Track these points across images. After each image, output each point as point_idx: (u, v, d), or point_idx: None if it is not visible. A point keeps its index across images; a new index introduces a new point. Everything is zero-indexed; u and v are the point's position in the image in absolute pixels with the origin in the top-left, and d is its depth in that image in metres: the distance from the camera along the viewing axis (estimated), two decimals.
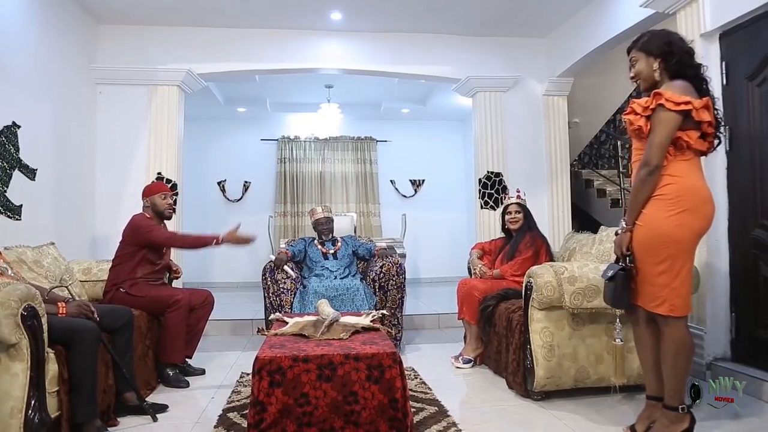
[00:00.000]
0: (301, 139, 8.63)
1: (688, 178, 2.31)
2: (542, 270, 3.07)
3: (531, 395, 3.12)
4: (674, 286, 2.30)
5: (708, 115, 2.29)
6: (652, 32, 2.45)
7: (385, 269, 4.35)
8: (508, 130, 5.83)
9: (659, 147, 2.27)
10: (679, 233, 2.28)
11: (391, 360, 2.43)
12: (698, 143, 2.34)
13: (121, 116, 5.27)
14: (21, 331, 2.26)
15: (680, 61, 2.34)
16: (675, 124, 2.26)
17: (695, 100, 2.27)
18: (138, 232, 3.61)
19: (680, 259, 2.30)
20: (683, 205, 2.28)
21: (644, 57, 2.42)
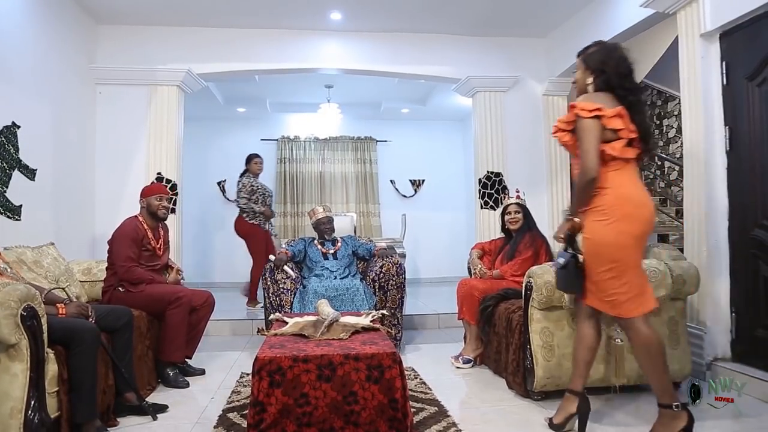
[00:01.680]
0: (301, 139, 8.63)
1: (619, 187, 2.41)
2: (542, 270, 3.07)
3: (531, 395, 3.12)
4: (622, 290, 2.41)
5: (621, 123, 2.39)
6: (598, 46, 2.57)
7: (385, 269, 4.35)
8: (508, 130, 5.83)
9: (589, 153, 2.37)
10: (621, 240, 2.39)
11: (391, 360, 2.43)
12: (625, 152, 2.43)
13: (121, 116, 5.27)
14: (21, 332, 2.26)
15: (607, 80, 2.46)
16: (596, 129, 2.37)
17: (607, 109, 2.38)
18: (113, 238, 3.61)
19: (624, 264, 2.40)
20: (617, 214, 2.39)
21: (583, 68, 2.57)
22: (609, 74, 2.46)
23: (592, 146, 2.37)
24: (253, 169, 6.01)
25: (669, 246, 3.47)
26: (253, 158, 6.07)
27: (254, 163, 6.03)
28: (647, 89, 7.25)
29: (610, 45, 2.57)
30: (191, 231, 7.42)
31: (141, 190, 3.82)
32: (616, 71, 2.46)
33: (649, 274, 3.00)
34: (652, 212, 2.46)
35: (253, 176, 6.00)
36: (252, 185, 5.88)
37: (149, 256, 3.68)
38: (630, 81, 2.49)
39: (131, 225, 3.64)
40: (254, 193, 5.87)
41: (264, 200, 5.94)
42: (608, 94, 2.46)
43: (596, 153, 2.37)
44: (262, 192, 5.96)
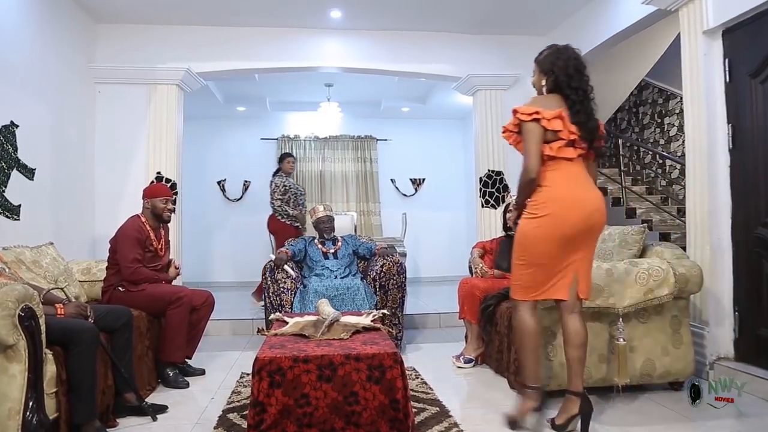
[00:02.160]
0: (301, 138, 8.61)
1: (551, 187, 2.53)
2: None
3: None
4: (522, 279, 2.62)
5: (560, 125, 2.48)
6: (550, 49, 2.65)
7: (385, 268, 4.33)
8: None
9: (530, 154, 2.51)
10: (538, 239, 2.53)
11: (392, 360, 2.41)
12: (564, 152, 2.53)
13: (120, 115, 5.25)
14: (18, 332, 2.24)
15: (556, 81, 2.57)
16: (535, 131, 2.49)
17: (546, 111, 2.48)
18: (117, 239, 3.59)
19: (534, 260, 2.57)
20: (542, 213, 2.52)
21: (537, 71, 2.68)
22: (557, 75, 2.56)
23: (533, 148, 2.51)
24: (285, 168, 6.08)
25: (671, 245, 3.45)
26: (285, 158, 6.15)
27: (286, 162, 6.09)
28: (648, 87, 7.23)
29: (561, 47, 2.64)
30: (191, 230, 7.39)
31: (144, 189, 3.80)
32: (564, 72, 2.55)
33: (652, 273, 2.99)
34: (583, 215, 2.51)
35: (286, 175, 6.05)
36: (284, 185, 5.93)
37: (151, 256, 3.66)
38: (577, 80, 2.56)
39: (135, 225, 3.62)
40: (287, 193, 5.91)
41: (296, 199, 5.97)
42: (556, 96, 2.57)
43: (536, 154, 2.50)
44: (295, 191, 6.00)
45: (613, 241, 3.49)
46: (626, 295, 2.97)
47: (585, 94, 2.58)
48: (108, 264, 3.64)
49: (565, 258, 2.57)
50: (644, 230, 3.41)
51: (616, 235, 3.50)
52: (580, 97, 2.56)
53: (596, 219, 2.56)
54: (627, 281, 2.98)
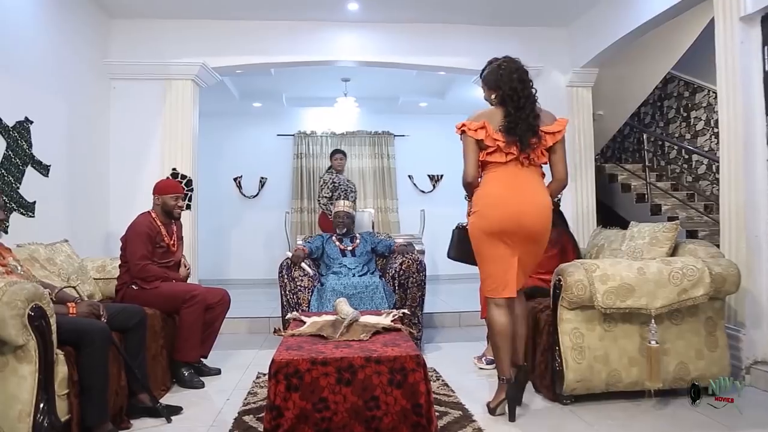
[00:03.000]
0: (318, 134, 8.51)
1: (485, 187, 2.83)
2: (572, 268, 2.92)
3: (560, 399, 2.97)
4: (483, 275, 2.88)
5: (483, 134, 2.74)
6: (490, 66, 2.89)
7: (404, 266, 4.22)
8: None
9: (464, 162, 2.83)
10: (474, 233, 2.84)
11: (415, 363, 2.30)
12: (493, 157, 2.78)
13: (135, 111, 5.20)
14: (28, 332, 2.17)
15: (502, 96, 2.79)
16: (466, 142, 2.80)
17: (472, 123, 2.77)
18: (127, 236, 3.53)
19: (479, 254, 2.85)
20: (475, 208, 2.83)
21: (485, 87, 2.94)
22: (503, 89, 2.78)
23: (465, 155, 2.82)
24: (335, 164, 6.08)
25: (705, 242, 3.29)
26: (334, 154, 6.20)
27: (335, 159, 6.13)
28: (674, 80, 7.02)
29: (501, 60, 2.87)
30: (207, 228, 7.34)
31: (155, 185, 3.73)
32: (508, 85, 2.76)
33: (686, 272, 2.85)
34: (506, 214, 2.72)
35: (336, 172, 6.04)
36: (333, 182, 5.92)
37: (163, 252, 3.59)
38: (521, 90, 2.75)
39: (145, 222, 3.55)
40: (336, 190, 5.89)
41: (346, 196, 5.89)
42: (499, 109, 2.79)
43: (470, 162, 2.81)
44: (344, 188, 5.95)
45: (643, 238, 3.34)
46: (659, 295, 2.83)
47: (527, 100, 2.77)
48: (121, 262, 3.57)
49: (506, 254, 2.77)
50: (676, 227, 3.26)
51: (646, 232, 3.35)
52: (521, 104, 2.74)
53: (525, 221, 2.72)
54: (660, 281, 2.83)
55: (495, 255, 2.79)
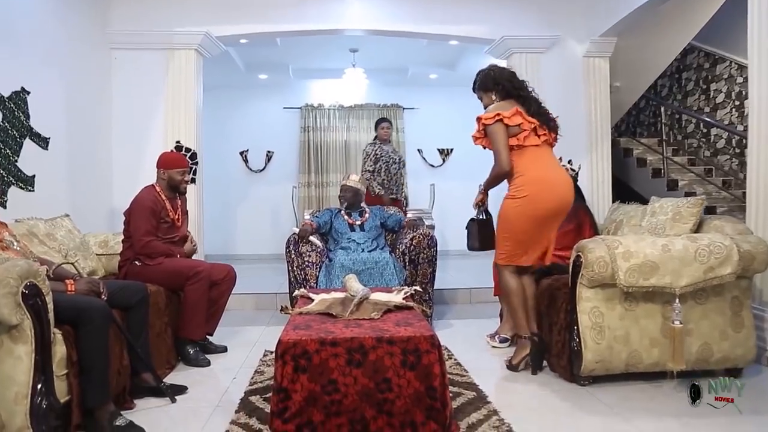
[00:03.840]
0: (325, 107, 8.33)
1: (532, 171, 2.95)
2: (593, 244, 2.78)
3: (577, 380, 2.86)
4: (505, 249, 3.06)
5: (520, 119, 2.93)
6: (480, 74, 3.21)
7: (415, 242, 4.10)
8: (544, 94, 5.25)
9: (500, 152, 2.94)
10: (517, 215, 2.96)
11: (429, 344, 2.18)
12: (530, 140, 2.96)
13: (137, 83, 5.04)
14: (23, 311, 2.07)
15: (505, 88, 3.06)
16: (501, 131, 2.93)
17: (505, 111, 2.92)
18: (130, 210, 3.42)
19: (514, 234, 3.01)
20: (524, 192, 2.93)
21: (484, 93, 3.18)
22: (502, 84, 3.05)
23: (501, 145, 2.94)
24: (380, 134, 5.69)
25: (732, 218, 3.13)
26: (380, 123, 5.76)
27: (381, 129, 5.70)
28: (693, 51, 6.77)
29: (488, 68, 3.20)
30: (212, 202, 7.22)
31: (159, 158, 3.59)
32: (505, 79, 3.07)
33: (713, 249, 2.70)
34: (556, 195, 2.94)
35: (381, 142, 5.66)
36: (376, 153, 5.56)
37: (167, 228, 3.47)
38: (518, 83, 3.08)
39: (149, 196, 3.43)
40: (378, 161, 5.54)
41: (388, 168, 5.55)
42: (509, 100, 3.02)
43: (506, 150, 2.94)
44: (387, 159, 5.57)
45: (665, 214, 3.19)
46: (684, 274, 2.68)
47: (527, 91, 3.07)
48: (124, 237, 3.47)
49: (540, 233, 3.00)
50: (701, 202, 3.09)
51: (669, 207, 3.20)
52: (526, 93, 3.05)
53: (566, 197, 3.00)
54: (685, 259, 2.69)
55: (535, 234, 2.99)
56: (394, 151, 5.79)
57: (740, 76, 6.06)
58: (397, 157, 5.74)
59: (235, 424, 2.41)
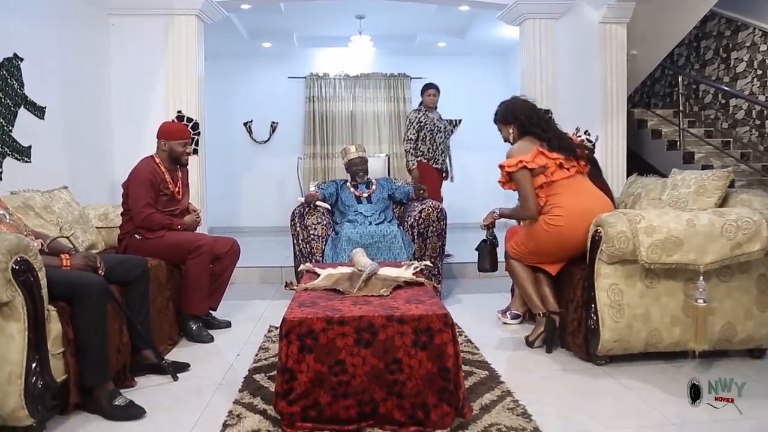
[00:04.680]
0: (331, 77, 8.11)
1: (568, 203, 2.88)
2: (614, 218, 2.64)
3: (593, 359, 2.76)
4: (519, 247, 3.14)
5: (543, 160, 2.91)
6: (501, 105, 3.21)
7: (424, 214, 3.97)
8: (559, 62, 5.26)
9: (527, 199, 2.95)
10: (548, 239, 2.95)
11: (442, 323, 2.07)
12: (558, 174, 2.92)
13: (137, 50, 4.86)
14: (13, 288, 1.96)
15: (522, 124, 3.05)
16: (525, 176, 2.93)
17: (525, 156, 2.91)
18: (128, 182, 3.30)
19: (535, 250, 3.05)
20: (560, 222, 2.87)
21: (503, 126, 3.19)
22: (519, 118, 3.05)
23: (528, 193, 2.93)
24: (425, 101, 5.27)
25: (761, 192, 2.98)
26: (426, 89, 5.32)
27: (427, 95, 5.28)
28: (714, 18, 6.50)
29: (508, 101, 3.20)
30: (216, 174, 7.09)
31: (159, 128, 3.44)
32: (524, 114, 3.06)
33: (741, 225, 2.56)
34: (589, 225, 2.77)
35: (426, 109, 5.26)
36: (420, 120, 5.18)
37: (167, 200, 3.35)
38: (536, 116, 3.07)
39: (147, 167, 3.30)
40: (422, 130, 5.17)
41: (433, 137, 5.17)
42: (528, 138, 3.00)
43: (533, 198, 2.93)
44: (431, 128, 5.17)
45: (688, 187, 3.03)
46: (709, 250, 2.55)
47: (547, 123, 3.07)
48: (123, 210, 3.35)
49: (564, 255, 2.99)
50: (728, 175, 2.94)
51: (692, 180, 3.04)
52: (545, 127, 3.01)
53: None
54: (711, 234, 2.55)
55: (558, 255, 3.01)
56: (440, 119, 5.35)
57: (764, 44, 5.82)
58: (442, 125, 5.30)
59: (239, 404, 2.32)
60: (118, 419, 2.20)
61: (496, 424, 2.11)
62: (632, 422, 2.19)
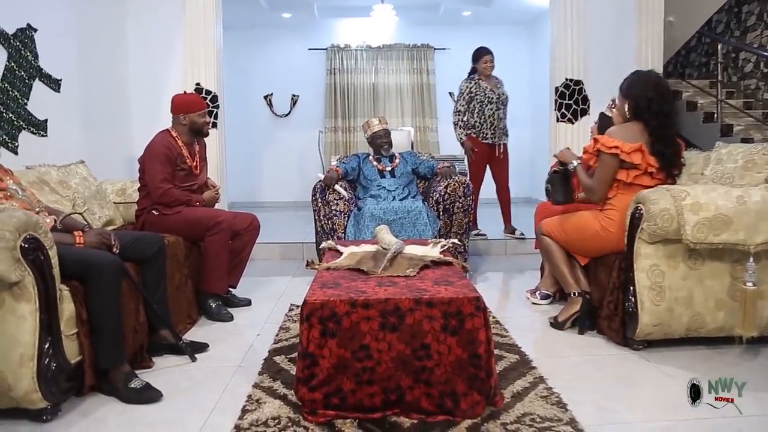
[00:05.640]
0: (352, 48, 7.90)
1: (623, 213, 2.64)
2: (657, 195, 2.46)
3: (630, 344, 2.61)
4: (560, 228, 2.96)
5: (639, 158, 2.62)
6: (632, 75, 2.82)
7: (450, 189, 3.81)
8: (591, 30, 4.98)
9: (600, 183, 2.74)
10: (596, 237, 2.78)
11: (474, 307, 1.93)
12: (641, 180, 2.67)
13: (154, 21, 4.72)
14: (23, 267, 1.88)
15: (636, 107, 2.72)
16: (612, 163, 2.68)
17: (626, 144, 2.62)
18: (144, 157, 3.20)
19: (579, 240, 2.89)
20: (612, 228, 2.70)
21: (621, 97, 2.83)
22: (637, 100, 2.70)
23: (605, 177, 2.72)
24: (480, 69, 4.81)
25: None
26: (481, 55, 4.81)
27: (482, 62, 4.79)
28: None
29: (642, 73, 2.83)
30: (236, 149, 7.00)
31: (175, 102, 3.32)
32: (644, 97, 2.67)
33: None
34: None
35: (480, 78, 4.82)
36: (471, 90, 4.78)
37: (185, 175, 3.25)
38: (657, 105, 2.66)
39: (163, 142, 3.19)
40: (472, 101, 4.78)
41: (482, 109, 4.75)
42: (637, 124, 2.70)
43: (606, 184, 2.73)
44: (482, 98, 4.76)
45: (735, 161, 2.83)
46: (761, 229, 2.37)
47: (667, 118, 2.68)
48: (140, 185, 3.26)
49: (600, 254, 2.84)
50: None
51: (739, 154, 2.83)
52: (660, 123, 2.66)
53: None
54: (763, 212, 2.37)
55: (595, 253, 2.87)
56: (494, 89, 4.87)
57: None
58: (495, 95, 4.84)
59: (258, 388, 2.23)
60: (133, 402, 2.13)
61: (529, 414, 1.99)
62: (677, 414, 2.03)
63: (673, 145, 2.74)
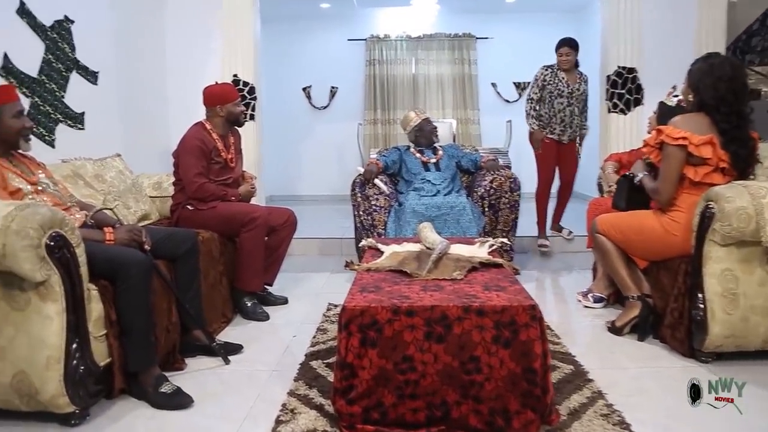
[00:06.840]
0: (392, 39, 7.72)
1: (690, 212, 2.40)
2: (732, 192, 2.22)
3: (697, 356, 2.38)
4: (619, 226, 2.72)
5: (710, 152, 2.36)
6: (702, 62, 2.49)
7: (496, 184, 3.63)
8: (646, 14, 4.69)
9: (667, 180, 2.48)
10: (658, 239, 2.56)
11: (529, 317, 1.75)
12: (711, 178, 2.40)
13: (191, 11, 4.66)
14: (48, 266, 1.79)
15: (701, 102, 2.44)
16: (679, 157, 2.42)
17: (694, 136, 2.36)
18: (178, 151, 3.12)
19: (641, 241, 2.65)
20: (676, 231, 2.48)
21: (687, 84, 2.56)
22: (702, 95, 2.43)
23: (673, 173, 2.45)
24: (559, 61, 4.47)
25: None
26: (557, 48, 4.49)
27: (558, 55, 4.47)
28: None
29: (715, 62, 2.44)
30: (274, 142, 6.92)
31: (209, 95, 3.20)
32: (711, 94, 2.40)
33: None
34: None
35: (558, 69, 4.47)
36: (545, 78, 4.45)
37: (220, 169, 3.15)
38: (728, 105, 2.38)
39: (197, 135, 3.09)
40: (544, 89, 4.45)
41: (552, 101, 4.42)
42: (705, 117, 2.43)
43: (673, 182, 2.47)
44: (552, 89, 4.41)
45: None
46: None
47: (740, 117, 2.40)
48: (174, 179, 3.17)
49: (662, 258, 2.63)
50: None
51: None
52: (733, 124, 2.39)
53: None
54: None
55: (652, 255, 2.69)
56: (570, 83, 4.46)
57: None
58: (568, 90, 4.43)
59: (293, 396, 2.10)
60: (163, 407, 2.03)
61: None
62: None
63: (748, 144, 2.43)
